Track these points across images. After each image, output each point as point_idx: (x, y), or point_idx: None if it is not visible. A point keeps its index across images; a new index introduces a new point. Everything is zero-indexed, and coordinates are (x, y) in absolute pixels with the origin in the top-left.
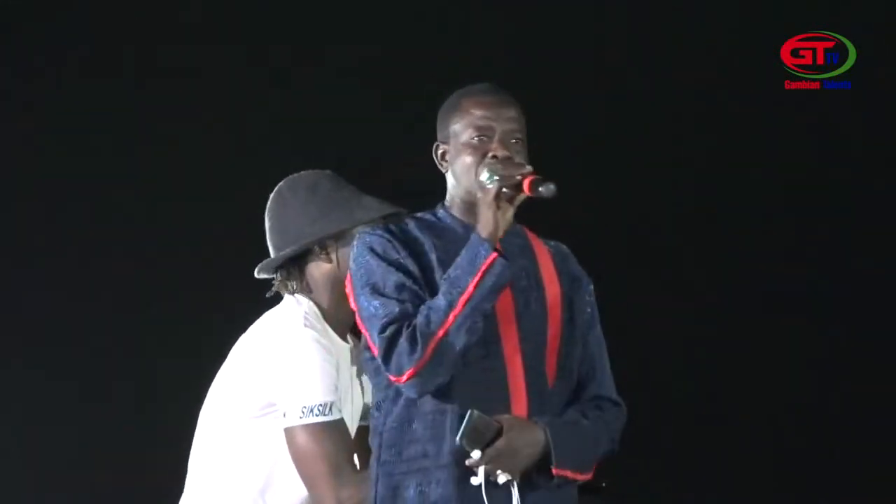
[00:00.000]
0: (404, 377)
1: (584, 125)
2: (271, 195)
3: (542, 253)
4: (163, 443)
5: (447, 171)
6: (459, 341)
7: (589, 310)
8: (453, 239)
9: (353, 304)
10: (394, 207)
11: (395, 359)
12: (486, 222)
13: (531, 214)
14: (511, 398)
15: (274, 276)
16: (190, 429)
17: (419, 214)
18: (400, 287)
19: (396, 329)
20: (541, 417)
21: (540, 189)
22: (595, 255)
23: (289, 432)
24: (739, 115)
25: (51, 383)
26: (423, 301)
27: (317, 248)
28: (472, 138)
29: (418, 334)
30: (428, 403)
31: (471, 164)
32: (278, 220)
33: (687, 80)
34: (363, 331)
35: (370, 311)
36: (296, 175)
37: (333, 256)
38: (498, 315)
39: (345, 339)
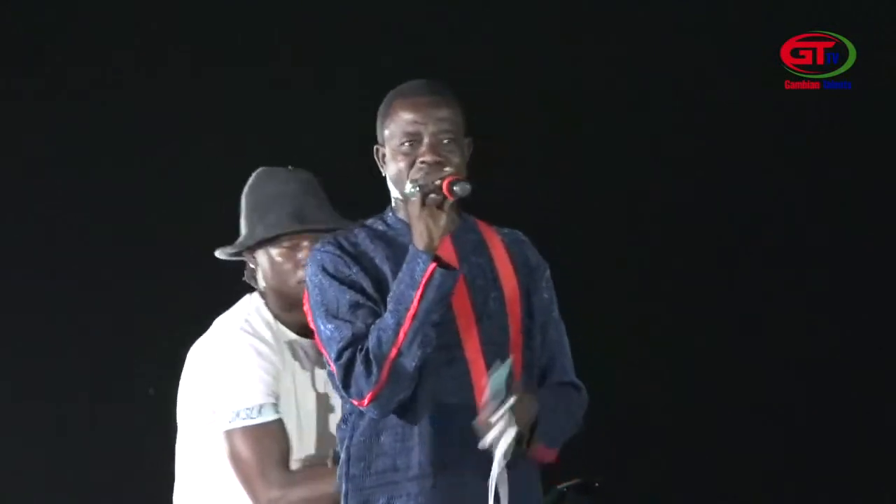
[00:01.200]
0: (365, 401)
1: (584, 125)
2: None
3: (497, 246)
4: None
5: (386, 174)
6: (413, 357)
7: (546, 295)
8: (404, 246)
9: (311, 325)
10: (295, 226)
11: (354, 384)
12: (420, 233)
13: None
14: (478, 402)
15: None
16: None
17: (369, 222)
18: (354, 306)
19: (351, 354)
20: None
21: (455, 189)
22: (595, 256)
23: (225, 436)
24: (739, 115)
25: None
26: (378, 316)
27: (247, 250)
28: (402, 144)
29: (372, 357)
30: (395, 415)
31: (402, 170)
32: (243, 207)
33: (687, 79)
34: (323, 352)
35: (326, 334)
36: (272, 168)
37: (253, 264)
38: (457, 318)
39: (305, 328)
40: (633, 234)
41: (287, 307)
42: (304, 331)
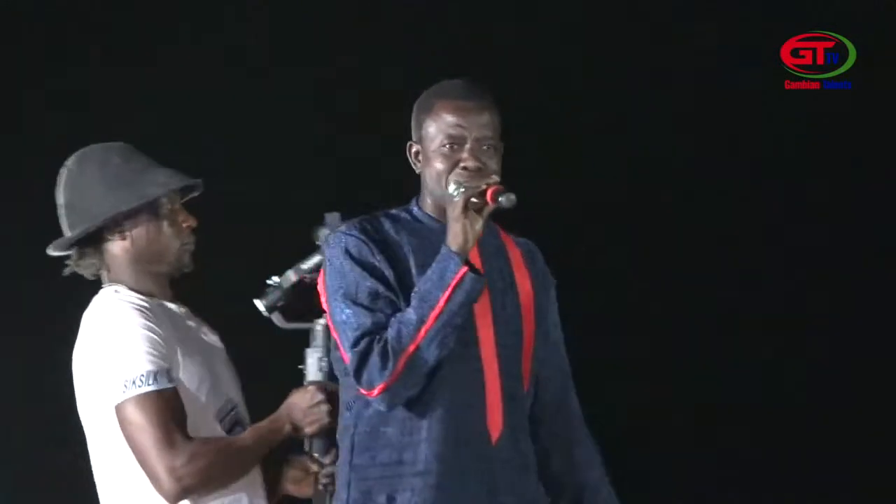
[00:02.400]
0: (375, 391)
1: (583, 125)
2: (61, 171)
3: (515, 252)
4: None
5: (420, 171)
6: (431, 356)
7: (553, 311)
8: (430, 238)
9: (324, 305)
10: (187, 179)
11: (367, 373)
12: (455, 235)
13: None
14: (487, 402)
15: (69, 253)
16: None
17: (394, 211)
18: (374, 295)
19: (368, 343)
20: None
21: (500, 199)
22: (593, 257)
23: (117, 411)
24: (739, 115)
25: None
26: (397, 309)
27: (111, 226)
28: (444, 145)
29: (389, 349)
30: (404, 409)
31: (441, 172)
32: (69, 197)
33: (687, 79)
34: (334, 335)
35: (342, 318)
36: (84, 149)
37: (127, 234)
38: (476, 318)
39: (173, 297)
40: (632, 234)
41: (158, 280)
42: (174, 299)
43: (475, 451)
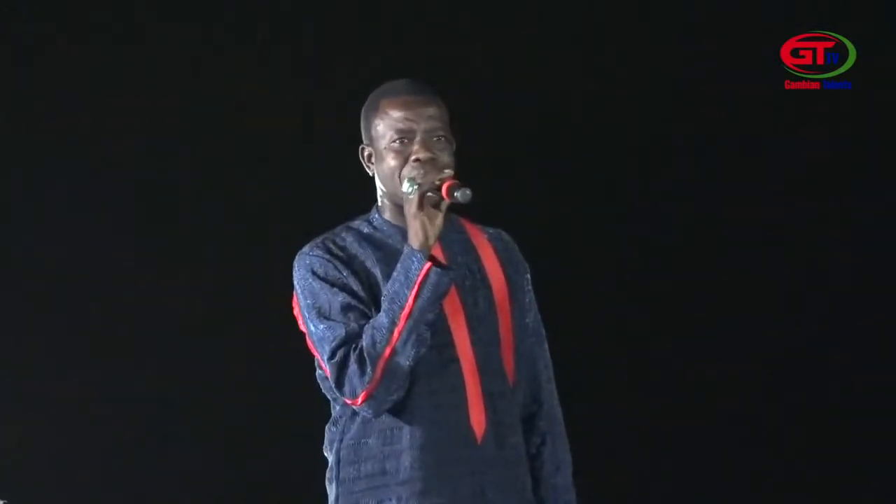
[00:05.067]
0: (359, 400)
1: (582, 125)
2: None
3: (484, 245)
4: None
5: (374, 173)
6: (408, 356)
7: (528, 298)
8: (394, 248)
9: (301, 327)
10: None
11: (348, 383)
12: (416, 232)
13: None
14: (468, 401)
15: None
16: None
17: (354, 224)
18: (346, 307)
19: (345, 353)
20: None
21: (456, 194)
22: (593, 258)
23: None
24: (739, 115)
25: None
26: (370, 318)
27: None
28: (394, 141)
29: (366, 356)
30: (384, 418)
31: (394, 167)
32: None
33: (687, 79)
34: (314, 353)
35: (318, 334)
36: None
37: None
38: (448, 320)
39: None
40: (630, 234)
41: None
42: None
43: (460, 452)
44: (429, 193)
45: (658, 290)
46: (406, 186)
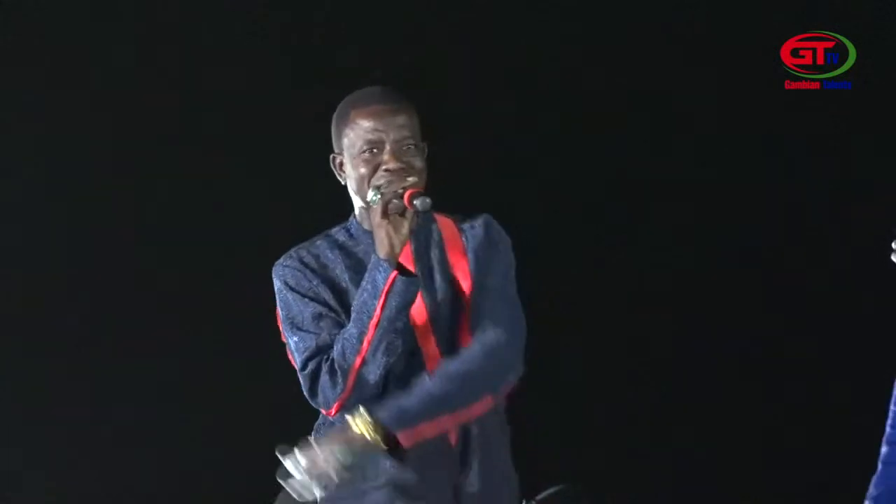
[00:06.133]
0: (333, 410)
1: (581, 125)
2: None
3: (453, 240)
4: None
5: (345, 182)
6: (378, 365)
7: (497, 263)
8: (364, 255)
9: (283, 339)
10: None
11: (321, 394)
12: (381, 242)
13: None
14: None
15: None
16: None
17: (333, 231)
18: (317, 317)
19: (316, 364)
20: None
21: (415, 203)
22: (593, 258)
23: None
24: (739, 115)
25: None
26: (342, 327)
27: None
28: (363, 151)
29: (337, 367)
30: None
31: (364, 176)
32: None
33: (686, 79)
34: (294, 364)
35: (292, 345)
36: None
37: None
38: (414, 325)
39: None
40: (629, 234)
41: None
42: None
43: (436, 447)
44: (394, 201)
45: (658, 290)
46: (370, 196)
